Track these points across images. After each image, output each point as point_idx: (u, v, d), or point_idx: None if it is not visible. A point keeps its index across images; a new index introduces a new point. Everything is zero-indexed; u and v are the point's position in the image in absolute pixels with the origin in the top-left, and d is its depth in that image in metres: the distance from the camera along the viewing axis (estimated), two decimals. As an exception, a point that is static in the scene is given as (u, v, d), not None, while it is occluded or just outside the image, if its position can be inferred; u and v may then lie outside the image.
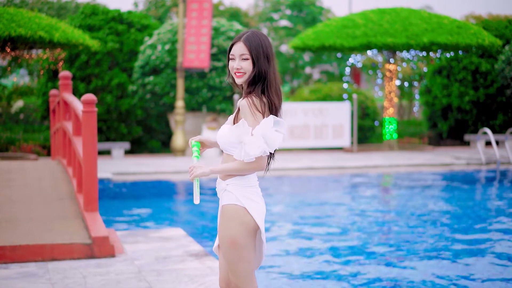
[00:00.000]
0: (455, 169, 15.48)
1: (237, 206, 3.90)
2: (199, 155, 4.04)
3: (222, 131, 3.96)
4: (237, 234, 3.87)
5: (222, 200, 3.99)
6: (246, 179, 3.94)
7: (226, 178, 3.96)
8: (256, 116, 3.81)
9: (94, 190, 7.92)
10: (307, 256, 7.80)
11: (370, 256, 7.73)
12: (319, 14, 32.58)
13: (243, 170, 3.87)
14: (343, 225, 9.59)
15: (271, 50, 3.92)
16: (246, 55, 3.86)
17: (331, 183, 14.02)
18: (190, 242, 7.83)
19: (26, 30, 14.31)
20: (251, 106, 3.82)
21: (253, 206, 3.91)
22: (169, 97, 18.48)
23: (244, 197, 3.91)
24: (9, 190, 9.24)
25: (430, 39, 17.78)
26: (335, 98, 20.66)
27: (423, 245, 8.23)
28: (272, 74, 3.87)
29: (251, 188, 3.95)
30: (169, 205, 11.81)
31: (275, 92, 3.87)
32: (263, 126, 3.79)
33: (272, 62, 3.90)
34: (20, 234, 7.31)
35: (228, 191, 3.95)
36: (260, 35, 3.93)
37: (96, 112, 7.86)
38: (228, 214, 3.92)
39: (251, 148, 3.78)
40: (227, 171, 3.90)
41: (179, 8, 18.04)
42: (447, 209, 10.79)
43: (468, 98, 20.89)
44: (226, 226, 3.92)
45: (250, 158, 3.80)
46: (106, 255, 7.14)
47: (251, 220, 3.89)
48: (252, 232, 3.91)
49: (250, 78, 3.87)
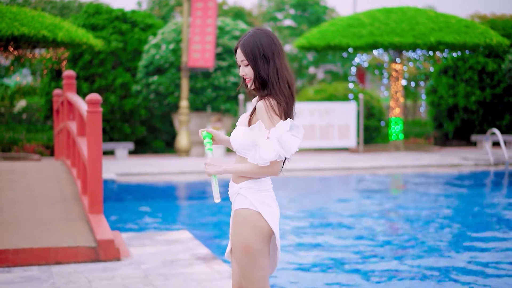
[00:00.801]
0: (464, 170, 15.30)
1: (251, 211, 3.74)
2: (212, 148, 3.87)
3: (236, 132, 3.79)
4: (251, 239, 3.72)
5: (235, 204, 3.82)
6: (259, 182, 3.78)
7: (239, 181, 3.80)
8: (273, 119, 3.64)
9: (99, 191, 7.76)
10: (318, 263, 7.63)
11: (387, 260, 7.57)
12: (323, 13, 32.40)
13: (257, 174, 3.71)
14: (356, 228, 9.42)
15: (271, 48, 3.70)
16: (245, 60, 3.70)
17: (339, 184, 13.86)
18: (197, 245, 7.67)
19: (29, 29, 14.16)
20: (268, 108, 3.64)
21: (267, 210, 3.75)
22: (174, 97, 18.31)
23: (258, 201, 3.75)
24: (12, 191, 9.08)
25: (437, 39, 17.60)
26: (340, 98, 20.48)
27: (441, 247, 8.07)
28: (272, 74, 3.67)
29: (265, 192, 3.78)
30: (175, 207, 11.65)
31: (280, 92, 3.67)
32: (280, 130, 3.61)
33: (273, 61, 3.69)
34: (23, 236, 7.15)
35: (241, 194, 3.78)
36: (259, 34, 3.73)
37: (101, 112, 7.69)
38: (241, 219, 3.76)
39: (266, 152, 3.62)
40: (240, 173, 3.74)
41: (184, 7, 17.87)
42: (460, 211, 10.61)
43: (475, 98, 20.72)
44: (239, 231, 3.76)
45: (265, 162, 3.64)
46: (112, 258, 6.98)
47: (265, 225, 3.73)
48: (266, 237, 3.75)
49: (256, 83, 3.71)
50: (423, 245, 8.29)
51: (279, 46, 3.73)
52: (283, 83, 3.68)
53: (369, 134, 20.78)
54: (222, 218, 10.19)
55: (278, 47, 3.72)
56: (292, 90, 3.73)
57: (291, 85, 3.72)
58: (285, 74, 3.71)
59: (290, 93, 3.71)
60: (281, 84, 3.67)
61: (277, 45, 3.72)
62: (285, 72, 3.72)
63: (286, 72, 3.72)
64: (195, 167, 14.97)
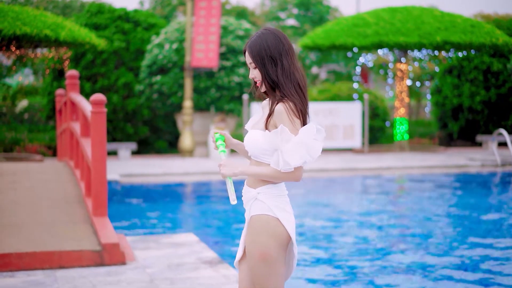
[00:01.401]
0: (470, 171, 15.14)
1: (269, 217, 3.60)
2: (225, 149, 3.72)
3: (253, 136, 3.62)
4: (269, 246, 3.57)
5: (251, 209, 3.66)
6: (278, 187, 3.64)
7: (257, 186, 3.64)
8: (295, 123, 3.50)
9: (103, 193, 7.62)
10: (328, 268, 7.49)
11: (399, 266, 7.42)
12: (326, 13, 32.25)
13: (277, 178, 3.56)
14: (365, 231, 9.28)
15: (278, 48, 3.55)
16: (252, 63, 3.58)
17: (345, 185, 13.71)
18: (203, 248, 7.53)
19: (31, 29, 14.02)
20: (289, 111, 3.50)
21: (285, 216, 3.61)
22: (177, 97, 18.16)
23: (276, 206, 3.60)
24: (14, 193, 8.94)
25: (443, 38, 17.45)
26: (344, 98, 20.31)
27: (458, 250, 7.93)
28: (281, 76, 3.53)
29: (282, 198, 3.65)
30: (180, 209, 11.51)
31: (292, 93, 3.52)
32: (305, 134, 3.48)
33: (281, 62, 3.54)
34: (26, 240, 7.02)
35: (259, 200, 3.63)
36: (266, 35, 3.58)
37: (105, 113, 7.55)
38: (259, 225, 3.61)
39: (292, 157, 3.47)
40: (259, 176, 3.58)
41: (187, 6, 17.73)
42: (470, 213, 10.46)
43: (480, 98, 20.56)
44: (256, 238, 3.60)
45: (289, 168, 3.49)
46: (117, 262, 6.86)
47: (284, 232, 3.59)
48: (284, 245, 3.61)
49: (266, 86, 3.57)
50: (434, 249, 8.14)
51: (287, 45, 3.57)
52: (294, 84, 3.54)
53: (373, 134, 20.62)
54: (228, 221, 10.06)
55: (286, 47, 3.57)
56: (304, 91, 3.57)
57: (303, 86, 3.57)
58: (296, 74, 3.56)
59: (302, 95, 3.56)
60: (291, 85, 3.53)
61: (285, 45, 3.57)
62: (295, 72, 3.56)
63: (296, 72, 3.57)
64: (199, 167, 14.83)
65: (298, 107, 3.49)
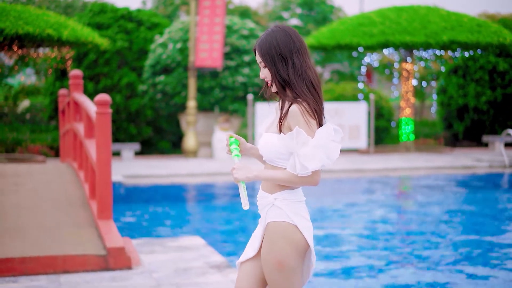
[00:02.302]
0: (478, 172, 14.94)
1: (287, 224, 3.42)
2: (239, 153, 3.54)
3: (268, 140, 3.44)
4: (286, 255, 3.40)
5: (268, 216, 3.48)
6: (295, 193, 3.47)
7: (274, 191, 3.47)
8: (311, 124, 3.33)
9: (108, 196, 7.45)
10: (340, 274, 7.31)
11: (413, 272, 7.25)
12: (330, 12, 32.07)
13: (294, 183, 3.39)
14: (376, 234, 9.11)
15: (289, 46, 3.38)
16: (262, 62, 3.42)
17: (353, 187, 13.51)
18: (211, 252, 7.36)
19: (34, 28, 13.86)
20: (304, 113, 3.32)
21: (303, 223, 3.44)
22: (181, 97, 17.98)
23: (295, 213, 3.44)
24: (17, 195, 8.76)
25: (450, 38, 17.27)
26: (348, 98, 20.12)
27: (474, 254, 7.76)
28: (292, 75, 3.36)
29: (300, 204, 3.48)
30: (185, 211, 11.33)
31: (304, 93, 3.34)
32: (323, 136, 3.30)
33: (292, 60, 3.37)
34: (30, 244, 6.84)
35: (276, 206, 3.46)
36: (276, 32, 3.42)
37: (110, 113, 7.38)
38: (276, 233, 3.43)
39: (310, 161, 3.29)
40: (275, 181, 3.41)
41: (191, 5, 17.55)
42: (481, 216, 10.28)
43: (485, 98, 20.38)
44: (273, 246, 3.43)
45: (307, 172, 3.31)
46: (122, 267, 6.68)
47: (302, 239, 3.42)
48: (302, 252, 3.44)
49: (276, 85, 3.41)
50: (446, 253, 7.97)
51: (298, 43, 3.41)
52: (307, 83, 3.36)
53: (378, 135, 20.43)
54: (235, 223, 9.88)
55: (297, 44, 3.40)
56: (318, 90, 3.39)
57: (316, 85, 3.39)
58: (308, 73, 3.38)
59: (316, 94, 3.37)
60: (304, 84, 3.36)
61: (296, 43, 3.40)
62: (308, 71, 3.39)
63: (309, 71, 3.40)
64: (204, 168, 14.65)
65: (312, 107, 3.33)
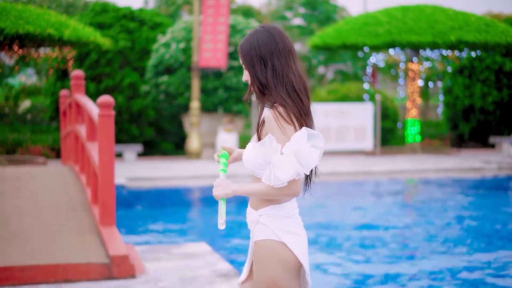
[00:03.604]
0: (487, 174, 14.67)
1: (274, 242, 3.17)
2: (226, 168, 3.29)
3: (247, 150, 3.20)
4: (278, 275, 3.15)
5: (254, 234, 3.25)
6: (282, 207, 3.20)
7: (259, 207, 3.22)
8: (286, 130, 3.07)
9: (111, 201, 7.19)
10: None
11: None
12: (333, 12, 31.78)
13: (273, 195, 3.13)
14: (390, 242, 8.85)
15: (269, 47, 3.13)
16: (243, 64, 3.18)
17: (359, 190, 13.23)
18: (218, 260, 7.10)
19: (34, 27, 13.61)
20: (277, 118, 3.07)
21: (293, 240, 3.18)
22: (184, 97, 17.70)
23: (282, 230, 3.18)
24: (17, 199, 8.50)
25: (457, 37, 17.01)
26: (353, 99, 19.85)
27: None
28: (271, 78, 3.11)
29: (289, 219, 3.21)
30: (190, 215, 11.06)
31: (282, 97, 3.10)
32: (296, 143, 3.03)
33: (272, 62, 3.12)
34: (30, 251, 6.59)
35: (261, 223, 3.21)
36: (259, 32, 3.18)
37: (113, 115, 7.12)
38: (264, 252, 3.19)
39: (282, 171, 3.03)
40: (254, 195, 3.16)
41: (195, 4, 17.28)
42: (492, 219, 10.02)
43: (491, 99, 20.11)
44: (262, 266, 3.18)
45: (281, 182, 3.05)
46: (126, 275, 6.43)
47: (292, 257, 3.17)
48: (295, 271, 3.18)
49: (254, 89, 3.17)
50: (460, 260, 7.71)
51: (281, 44, 3.14)
52: (287, 88, 3.11)
53: (383, 135, 20.17)
54: (243, 229, 9.61)
55: (279, 45, 3.14)
56: (300, 95, 3.13)
57: (298, 89, 3.13)
58: (290, 77, 3.13)
59: (299, 98, 3.12)
60: (283, 88, 3.10)
61: (279, 44, 3.14)
62: (290, 74, 3.13)
63: (292, 74, 3.14)
64: (208, 170, 14.37)
65: (290, 112, 3.08)
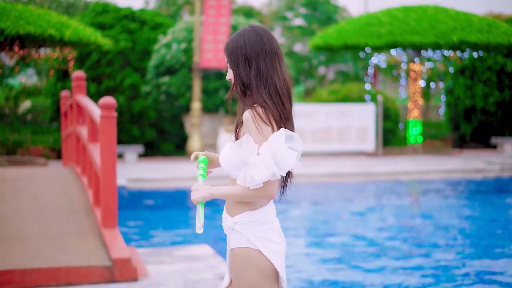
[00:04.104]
0: (489, 176, 14.59)
1: (250, 250, 3.13)
2: (205, 173, 3.26)
3: (224, 151, 3.15)
4: (256, 282, 3.11)
5: (230, 242, 3.21)
6: (258, 213, 3.15)
7: (234, 213, 3.18)
8: (263, 130, 3.03)
9: (113, 204, 7.12)
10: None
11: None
12: (334, 12, 31.69)
13: (248, 197, 3.08)
14: (397, 246, 8.78)
15: (255, 47, 3.10)
16: (228, 62, 3.15)
17: (362, 191, 13.14)
18: (220, 262, 7.04)
19: (35, 28, 13.54)
20: (255, 118, 3.03)
21: (269, 247, 3.13)
22: (185, 98, 17.63)
23: (258, 237, 3.13)
24: (18, 201, 8.43)
25: (460, 38, 16.93)
26: (354, 99, 19.77)
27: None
28: (254, 79, 3.08)
29: (265, 225, 3.16)
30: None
31: (263, 98, 3.06)
32: (273, 143, 2.98)
33: (256, 62, 3.09)
34: (31, 254, 6.52)
35: (236, 231, 3.16)
36: (247, 32, 3.14)
37: (115, 117, 7.05)
38: (240, 261, 3.14)
39: (257, 172, 2.99)
40: (230, 197, 3.11)
41: (196, 5, 17.22)
42: (505, 222, 9.96)
43: (493, 100, 20.04)
44: (239, 275, 3.15)
45: (257, 183, 3.00)
46: (128, 279, 6.36)
47: (268, 264, 3.12)
48: (272, 277, 3.13)
49: (236, 89, 3.14)
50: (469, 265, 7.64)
51: (268, 46, 3.11)
52: (270, 90, 3.07)
53: (384, 136, 20.09)
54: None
55: (266, 47, 3.11)
56: (283, 98, 3.09)
57: (282, 92, 3.09)
58: (274, 79, 3.09)
59: (281, 102, 3.08)
60: (265, 90, 3.06)
61: (266, 45, 3.11)
62: (274, 76, 3.09)
63: (276, 76, 3.10)
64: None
65: (269, 113, 3.04)
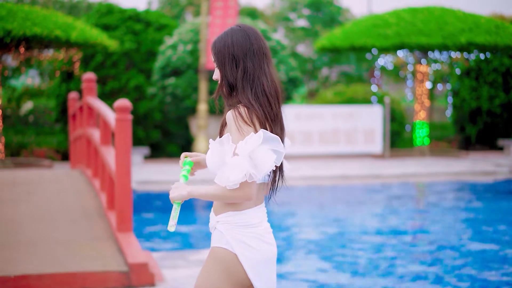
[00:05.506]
0: (499, 178, 14.47)
1: (226, 251, 3.02)
2: (187, 175, 3.21)
3: (209, 151, 3.09)
4: (217, 284, 3.00)
5: (212, 240, 3.12)
6: (242, 215, 3.05)
7: (218, 213, 3.10)
8: (243, 130, 2.96)
9: (129, 207, 7.03)
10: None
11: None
12: (337, 14, 31.60)
13: (226, 198, 2.98)
14: (411, 252, 8.67)
15: (243, 47, 3.02)
16: (215, 62, 3.08)
17: (371, 194, 13.03)
18: (236, 267, 6.91)
19: (41, 29, 13.45)
20: (236, 118, 2.97)
21: (246, 253, 3.02)
22: (191, 100, 17.52)
23: (237, 240, 3.03)
24: (29, 205, 8.34)
25: (468, 39, 16.84)
26: (359, 101, 19.67)
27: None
28: (241, 79, 3.01)
29: (250, 228, 3.05)
30: (203, 219, 10.87)
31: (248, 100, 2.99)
32: (250, 144, 2.90)
33: (244, 62, 3.02)
34: (45, 259, 6.42)
35: (218, 230, 3.07)
36: (235, 31, 3.06)
37: (131, 120, 6.95)
38: (213, 258, 3.04)
39: (232, 172, 2.91)
40: (207, 196, 3.03)
41: (202, 6, 17.12)
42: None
43: (499, 101, 19.95)
44: (205, 272, 3.06)
45: (232, 184, 2.91)
46: (145, 284, 6.28)
47: (241, 272, 3.01)
48: (240, 286, 3.02)
49: (222, 89, 3.10)
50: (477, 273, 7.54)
51: (256, 46, 3.04)
52: (257, 90, 3.00)
53: (390, 138, 19.99)
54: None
55: (254, 47, 3.03)
56: (270, 98, 3.01)
57: (269, 93, 3.02)
58: (261, 79, 3.02)
59: (268, 103, 3.00)
60: (251, 91, 3.00)
61: (254, 45, 3.04)
62: (262, 77, 3.02)
63: (264, 77, 3.03)
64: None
65: (252, 113, 2.97)
